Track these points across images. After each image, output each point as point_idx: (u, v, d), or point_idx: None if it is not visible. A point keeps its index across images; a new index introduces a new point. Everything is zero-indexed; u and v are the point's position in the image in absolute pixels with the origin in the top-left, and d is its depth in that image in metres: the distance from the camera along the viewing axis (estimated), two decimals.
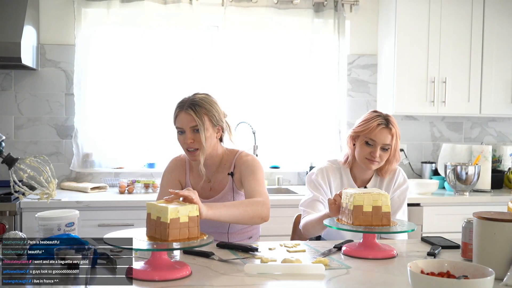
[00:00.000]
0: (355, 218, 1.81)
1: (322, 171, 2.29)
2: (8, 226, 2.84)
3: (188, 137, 2.02)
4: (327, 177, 2.28)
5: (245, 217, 1.88)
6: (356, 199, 1.81)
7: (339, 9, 3.72)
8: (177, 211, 1.53)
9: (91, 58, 3.49)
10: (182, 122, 2.02)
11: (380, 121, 2.18)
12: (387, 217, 1.81)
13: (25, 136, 3.53)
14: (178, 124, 2.04)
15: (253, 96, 3.80)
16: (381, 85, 3.85)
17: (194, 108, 2.00)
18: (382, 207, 1.81)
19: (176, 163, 2.23)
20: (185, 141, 2.03)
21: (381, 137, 2.17)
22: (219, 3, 3.61)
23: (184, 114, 2.01)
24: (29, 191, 1.88)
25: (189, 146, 2.03)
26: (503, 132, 4.13)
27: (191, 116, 2.00)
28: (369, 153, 2.18)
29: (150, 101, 3.61)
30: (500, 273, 1.45)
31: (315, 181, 2.27)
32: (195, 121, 2.00)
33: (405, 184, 2.31)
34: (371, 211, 1.80)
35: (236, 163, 2.14)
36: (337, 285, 1.48)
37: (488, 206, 3.24)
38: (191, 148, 2.03)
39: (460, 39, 3.64)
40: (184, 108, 2.02)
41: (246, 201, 1.94)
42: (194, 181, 2.18)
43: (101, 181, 3.52)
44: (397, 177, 2.31)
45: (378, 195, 1.81)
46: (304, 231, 2.21)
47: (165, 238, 1.51)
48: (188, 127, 2.01)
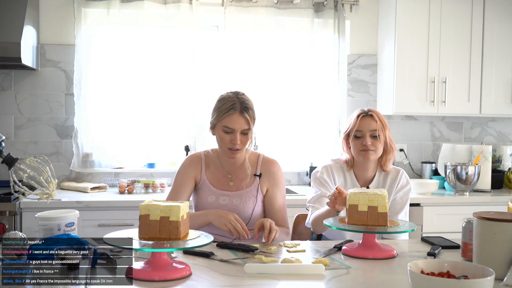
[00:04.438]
0: (350, 217, 1.83)
1: (327, 168, 2.31)
2: (8, 226, 2.84)
3: (237, 138, 2.07)
4: (332, 174, 2.29)
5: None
6: (351, 198, 1.82)
7: (339, 9, 3.72)
8: (183, 209, 1.55)
9: (91, 58, 3.49)
10: (235, 123, 2.07)
11: (360, 112, 2.27)
12: (384, 218, 1.81)
13: (25, 136, 3.53)
14: (230, 125, 2.07)
15: (253, 96, 3.73)
16: (381, 85, 3.86)
17: (248, 111, 2.08)
18: (378, 207, 1.81)
19: (192, 160, 2.26)
20: (232, 141, 2.07)
21: (365, 125, 2.23)
22: (219, 3, 3.61)
23: (239, 116, 2.06)
24: (29, 191, 1.88)
25: (234, 146, 2.08)
26: (503, 132, 4.13)
27: (246, 120, 2.07)
28: (361, 144, 2.22)
29: (150, 101, 3.61)
30: (500, 273, 1.45)
31: (320, 178, 2.29)
32: (248, 125, 2.07)
33: (408, 186, 2.31)
34: (367, 211, 1.81)
35: (262, 167, 2.24)
36: (337, 285, 1.48)
37: (488, 206, 3.24)
38: (235, 148, 2.09)
39: (460, 39, 3.64)
40: (239, 110, 2.06)
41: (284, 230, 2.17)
42: (211, 176, 2.22)
43: (101, 181, 3.52)
44: (400, 178, 2.31)
45: (374, 195, 1.82)
46: (313, 227, 2.24)
47: (177, 237, 1.52)
48: (240, 129, 2.07)
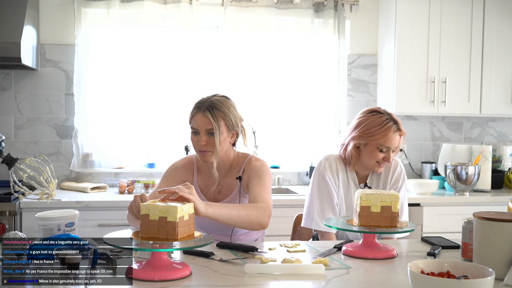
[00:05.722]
0: (362, 219, 1.80)
1: (330, 164, 2.24)
2: (8, 226, 2.84)
3: (202, 139, 1.99)
4: (335, 170, 2.24)
5: (244, 221, 1.86)
6: (363, 199, 1.80)
7: (339, 9, 3.72)
8: (182, 210, 1.53)
9: (91, 58, 3.49)
10: (198, 123, 2.00)
11: (394, 128, 2.15)
12: (395, 218, 1.80)
13: (25, 136, 3.53)
14: (194, 125, 2.02)
15: (253, 96, 3.79)
16: (381, 85, 3.86)
17: (212, 110, 1.98)
18: (392, 207, 1.79)
19: (184, 162, 2.20)
20: (198, 142, 2.00)
21: (395, 142, 2.16)
22: (219, 3, 3.61)
23: (201, 116, 1.99)
24: (29, 191, 1.88)
25: (201, 148, 2.01)
26: (503, 132, 4.13)
27: (208, 119, 1.97)
28: (382, 158, 2.17)
29: (150, 101, 3.62)
30: (500, 273, 1.45)
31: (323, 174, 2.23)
32: (211, 124, 1.97)
33: (402, 175, 2.29)
34: (380, 211, 1.79)
35: (245, 167, 2.12)
36: (337, 285, 1.48)
37: (488, 206, 3.24)
38: (203, 150, 2.01)
39: (460, 39, 3.64)
40: (202, 109, 1.99)
41: (248, 205, 1.92)
42: (202, 183, 2.16)
43: (101, 181, 3.52)
44: (395, 168, 2.28)
45: (387, 196, 1.80)
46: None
47: (174, 237, 1.50)
48: (204, 129, 1.99)
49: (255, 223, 1.89)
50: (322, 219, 2.16)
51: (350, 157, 2.23)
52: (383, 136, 2.14)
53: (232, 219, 1.83)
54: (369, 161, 2.19)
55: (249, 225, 1.89)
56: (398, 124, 2.17)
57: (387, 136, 2.14)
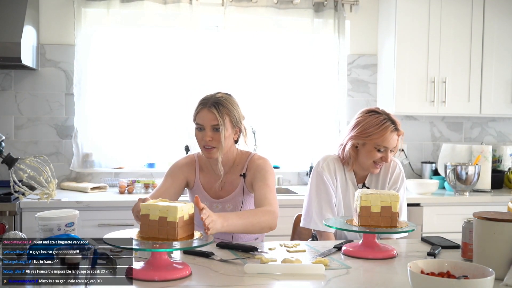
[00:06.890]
0: (362, 219, 1.80)
1: (328, 165, 2.25)
2: (8, 226, 2.84)
3: (207, 135, 2.02)
4: (333, 171, 2.25)
5: (256, 228, 1.90)
6: (363, 199, 1.81)
7: (339, 9, 3.72)
8: (182, 210, 1.54)
9: (91, 58, 3.48)
10: (204, 119, 2.03)
11: (392, 128, 2.15)
12: (395, 218, 1.80)
13: (25, 136, 3.53)
14: (199, 121, 2.04)
15: (253, 96, 3.79)
16: (381, 85, 3.86)
17: (217, 107, 2.02)
18: (392, 207, 1.80)
19: (187, 160, 2.22)
20: (203, 138, 2.03)
21: (393, 142, 2.17)
22: (219, 3, 3.61)
23: (207, 112, 2.02)
24: (29, 191, 1.88)
25: (207, 143, 2.03)
26: (503, 132, 4.13)
27: (213, 115, 2.01)
28: (380, 158, 2.17)
29: (150, 101, 3.62)
30: (500, 273, 1.45)
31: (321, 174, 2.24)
32: (217, 119, 2.01)
33: (400, 175, 2.30)
34: (380, 211, 1.79)
35: (249, 165, 2.14)
36: (337, 285, 1.48)
37: (488, 206, 3.24)
38: (208, 146, 2.04)
39: (460, 39, 3.64)
40: (208, 105, 2.03)
41: (258, 211, 1.94)
42: (204, 180, 2.18)
43: (101, 181, 3.52)
44: (394, 169, 2.29)
45: (387, 196, 1.81)
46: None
47: (174, 237, 1.51)
48: (209, 125, 2.02)
49: (266, 228, 1.93)
50: (320, 219, 2.18)
51: (348, 157, 2.24)
52: (380, 136, 2.14)
53: (246, 229, 1.88)
54: (367, 161, 2.19)
55: (261, 231, 1.95)
56: (395, 124, 2.18)
57: (385, 136, 2.14)
